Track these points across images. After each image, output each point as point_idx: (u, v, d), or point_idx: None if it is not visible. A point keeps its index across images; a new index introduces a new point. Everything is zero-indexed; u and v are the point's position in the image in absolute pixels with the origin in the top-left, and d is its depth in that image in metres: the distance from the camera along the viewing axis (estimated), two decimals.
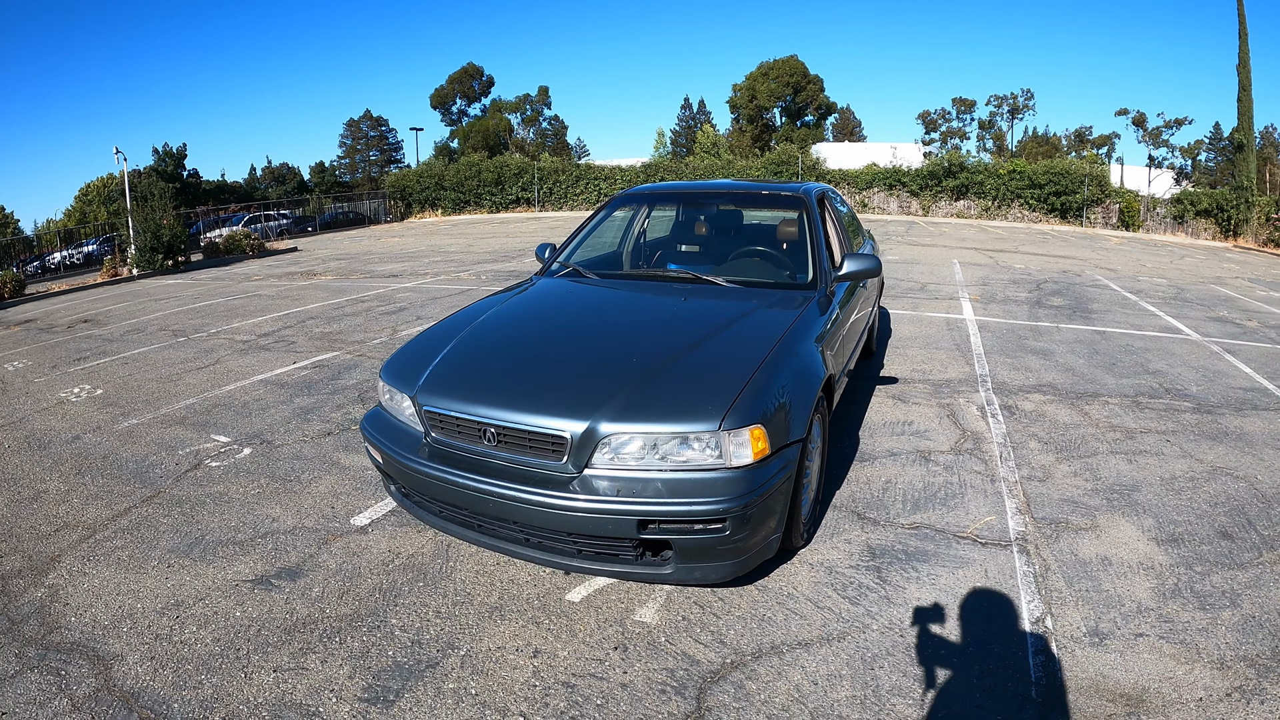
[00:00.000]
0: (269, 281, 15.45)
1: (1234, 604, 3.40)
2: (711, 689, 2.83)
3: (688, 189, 6.31)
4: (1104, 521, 4.23)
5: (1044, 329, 9.64)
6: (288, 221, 31.58)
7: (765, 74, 63.32)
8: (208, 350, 8.71)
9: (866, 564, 3.72)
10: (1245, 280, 16.64)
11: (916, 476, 4.79)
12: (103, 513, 4.46)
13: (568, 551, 3.12)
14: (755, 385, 3.14)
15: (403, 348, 4.03)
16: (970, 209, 35.67)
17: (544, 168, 40.56)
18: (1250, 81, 31.90)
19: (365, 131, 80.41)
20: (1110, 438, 5.59)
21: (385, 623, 3.27)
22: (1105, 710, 2.70)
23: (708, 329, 3.74)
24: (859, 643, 3.12)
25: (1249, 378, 7.46)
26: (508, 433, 3.15)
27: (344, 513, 4.36)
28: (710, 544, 2.92)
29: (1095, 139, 61.34)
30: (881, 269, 4.66)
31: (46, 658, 3.10)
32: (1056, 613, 3.33)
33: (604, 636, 3.15)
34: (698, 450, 2.96)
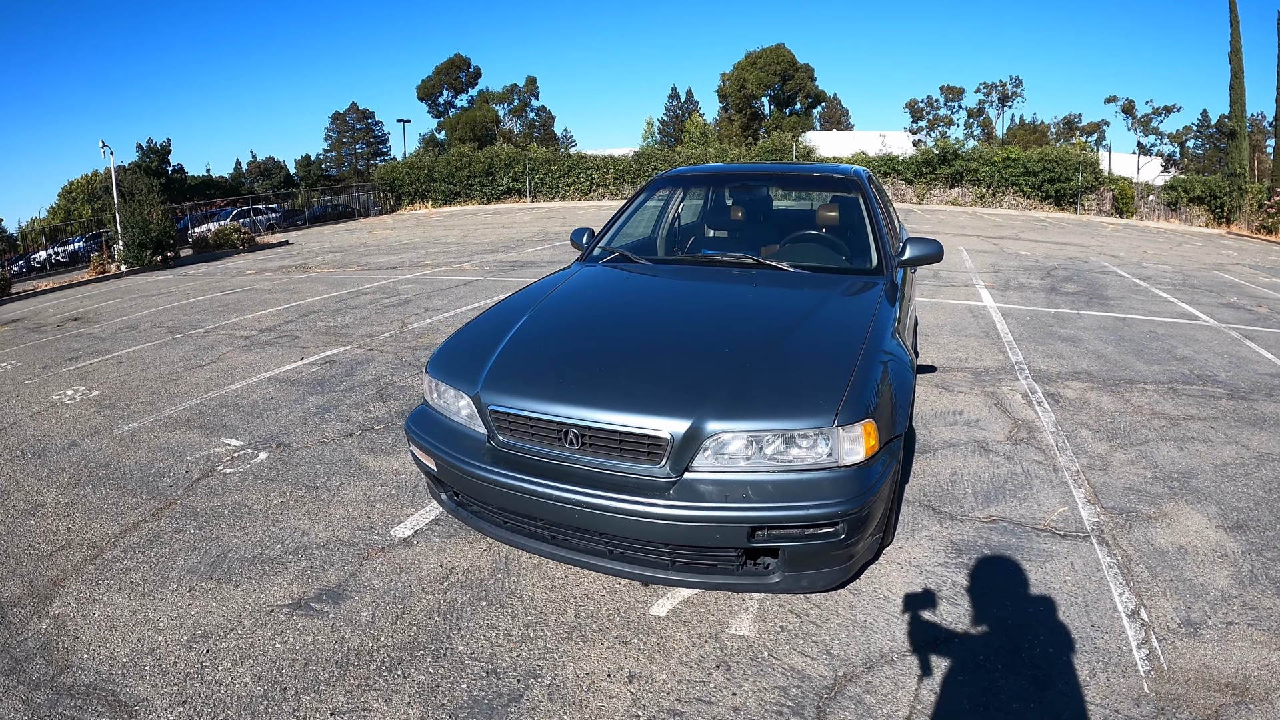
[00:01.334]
0: (263, 275, 15.15)
1: None
2: (830, 706, 2.61)
3: (734, 170, 6.00)
4: (1171, 510, 4.15)
5: (1066, 316, 9.55)
6: (276, 215, 31.19)
7: (753, 63, 63.14)
8: (207, 347, 8.34)
9: (954, 561, 3.55)
10: (1246, 266, 16.67)
11: (980, 468, 4.64)
12: (109, 528, 4.00)
13: (660, 564, 2.83)
14: (860, 377, 2.89)
15: (450, 341, 3.68)
16: (965, 196, 35.73)
17: (535, 158, 40.27)
18: (1242, 69, 32.02)
19: (351, 124, 79.63)
20: (1157, 425, 5.50)
21: (452, 650, 2.91)
22: (1216, 701, 2.65)
23: (791, 317, 3.47)
24: (969, 646, 2.95)
25: (1273, 364, 7.41)
26: (594, 434, 2.83)
27: (382, 523, 3.96)
28: (821, 549, 2.68)
29: (1084, 126, 61.54)
30: (943, 253, 4.46)
31: (59, 704, 2.67)
32: (1149, 604, 3.24)
33: (702, 655, 2.88)
34: (807, 448, 2.71)
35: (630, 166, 39.58)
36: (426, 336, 8.35)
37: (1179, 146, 54.97)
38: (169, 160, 50.98)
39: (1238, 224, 31.07)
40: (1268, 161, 38.23)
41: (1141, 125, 52.76)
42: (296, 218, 32.64)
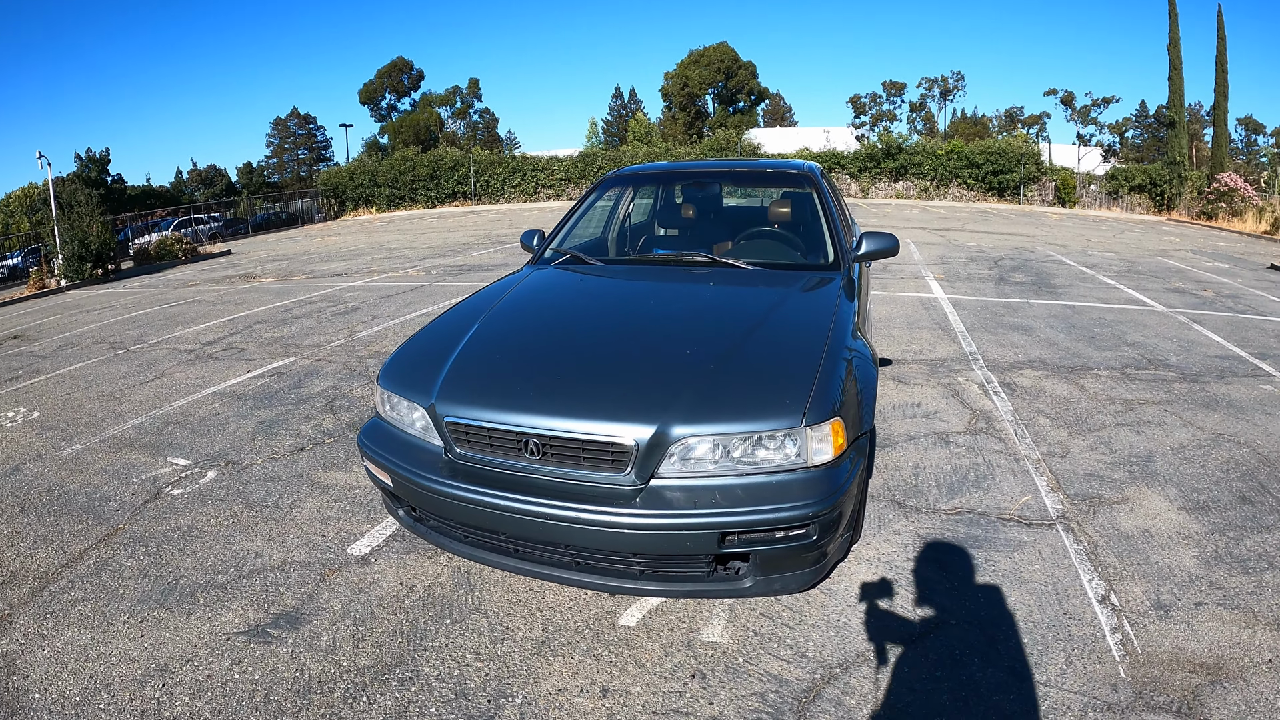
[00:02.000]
0: (206, 286, 14.75)
1: (1272, 565, 3.45)
2: (810, 710, 2.56)
3: (685, 168, 5.92)
4: (1133, 494, 4.20)
5: (1016, 305, 9.69)
6: (219, 224, 30.40)
7: (696, 61, 63.39)
8: (150, 363, 8.03)
9: (924, 556, 3.53)
10: (1188, 252, 17.14)
11: (942, 459, 4.64)
12: (55, 558, 3.79)
13: (628, 573, 2.75)
14: (825, 375, 2.83)
15: (401, 350, 3.54)
16: (909, 190, 36.26)
17: (480, 160, 39.93)
18: (1181, 61, 32.98)
19: (293, 130, 78.13)
20: (1112, 410, 5.58)
21: (418, 672, 2.80)
22: (1191, 682, 2.68)
23: (752, 316, 3.41)
24: (945, 641, 2.92)
25: (1221, 346, 7.60)
26: (555, 443, 2.73)
27: (338, 541, 3.81)
28: (793, 552, 2.61)
29: (1025, 119, 62.78)
30: (899, 246, 4.44)
31: None
32: (1118, 589, 3.26)
33: (676, 664, 2.81)
34: (775, 450, 2.65)
35: (575, 167, 39.46)
36: (375, 345, 8.16)
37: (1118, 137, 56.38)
38: (108, 170, 49.65)
39: (1178, 211, 32.04)
40: (1206, 150, 39.53)
41: (1081, 117, 53.97)
42: (239, 226, 31.87)
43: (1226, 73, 33.28)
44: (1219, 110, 34.13)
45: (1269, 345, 7.70)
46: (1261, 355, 7.26)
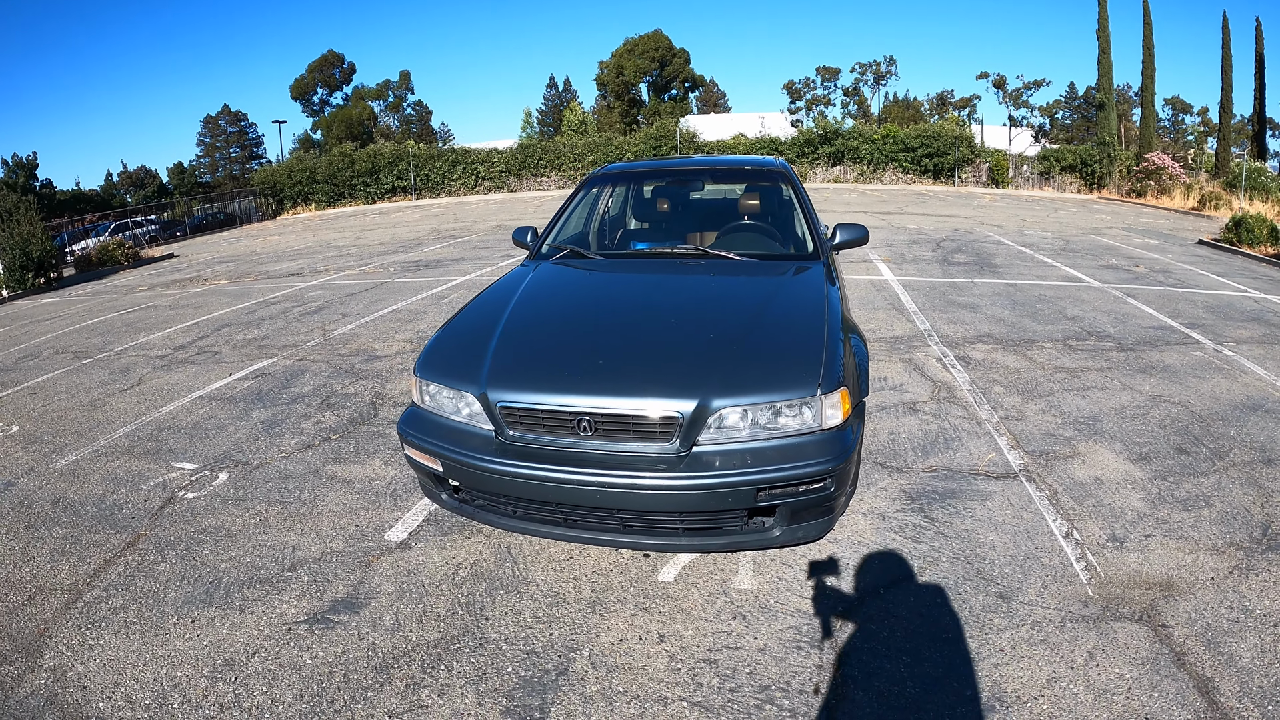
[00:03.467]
0: (157, 291, 14.53)
1: (1209, 504, 4.02)
2: (839, 635, 2.99)
3: (667, 166, 6.30)
4: (1083, 449, 4.74)
5: (962, 284, 10.29)
6: (156, 227, 29.63)
7: (631, 50, 63.44)
8: (123, 370, 7.92)
9: (910, 507, 4.00)
10: (1120, 229, 18.11)
11: (914, 426, 5.12)
12: (80, 569, 3.75)
13: (671, 531, 3.06)
14: (829, 351, 3.21)
15: (435, 343, 3.74)
16: (846, 174, 37.07)
17: (419, 155, 39.54)
18: (1110, 45, 34.49)
19: (224, 128, 76.16)
20: (1059, 378, 6.12)
21: (486, 639, 3.03)
22: (1148, 597, 3.20)
23: (755, 302, 3.82)
24: (939, 573, 3.39)
25: (1154, 317, 8.26)
26: (608, 420, 3.03)
27: (373, 530, 3.96)
28: (813, 503, 3.00)
29: (957, 102, 64.31)
30: (869, 236, 4.88)
31: None
32: (1079, 527, 3.79)
33: (718, 609, 3.17)
34: (793, 416, 3.02)
35: (516, 159, 39.36)
36: (354, 343, 8.27)
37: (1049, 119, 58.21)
38: (36, 175, 47.99)
39: (1108, 189, 33.52)
40: (1134, 130, 41.20)
41: (1012, 99, 55.60)
42: (177, 229, 31.13)
43: (1153, 56, 34.82)
44: (1147, 92, 35.67)
45: (1198, 316, 8.42)
46: (1191, 325, 7.95)
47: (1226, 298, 9.66)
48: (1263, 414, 5.32)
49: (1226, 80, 34.96)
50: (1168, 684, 2.68)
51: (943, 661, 2.83)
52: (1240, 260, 13.63)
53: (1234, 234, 14.92)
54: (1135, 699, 2.61)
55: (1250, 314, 8.68)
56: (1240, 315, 8.59)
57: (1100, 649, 2.87)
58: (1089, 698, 2.62)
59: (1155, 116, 36.80)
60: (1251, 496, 4.11)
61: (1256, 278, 11.56)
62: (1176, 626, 3.00)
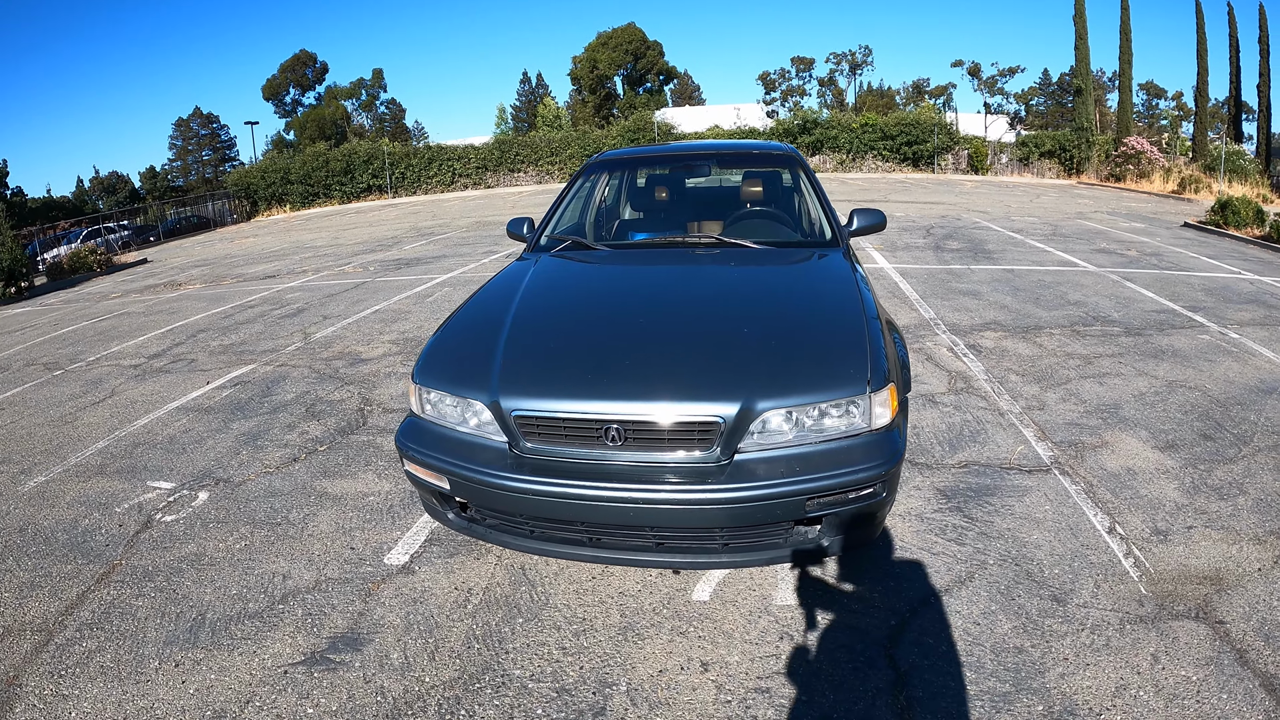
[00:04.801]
0: (131, 298, 14.14)
1: (1243, 491, 3.89)
2: (897, 651, 2.75)
3: (671, 151, 5.88)
4: (1110, 438, 4.56)
5: (959, 271, 10.15)
6: (129, 233, 29.13)
7: (605, 43, 63.24)
8: (95, 382, 7.52)
9: (947, 506, 3.79)
10: (1104, 214, 18.13)
11: (936, 419, 4.92)
12: (50, 606, 3.36)
13: (710, 548, 2.79)
14: (873, 344, 2.95)
15: (433, 346, 3.38)
16: (826, 163, 37.05)
17: (394, 152, 39.19)
18: (1086, 30, 34.55)
19: (196, 130, 75.04)
20: (1073, 364, 5.97)
21: (509, 676, 2.70)
22: (1201, 592, 3.06)
23: (783, 293, 3.54)
24: (989, 578, 3.18)
25: (1155, 300, 8.16)
26: (641, 427, 2.73)
27: (370, 552, 3.60)
28: (863, 510, 2.74)
29: (932, 90, 64.69)
30: (887, 221, 4.63)
31: None
32: (1120, 521, 3.61)
33: (762, 630, 2.90)
34: (839, 417, 2.76)
35: (492, 155, 39.10)
36: (336, 346, 7.96)
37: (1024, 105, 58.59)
38: (6, 183, 47.13)
39: (1087, 174, 33.71)
40: (1111, 115, 41.53)
41: (987, 86, 55.97)
42: (150, 234, 30.59)
43: (1130, 41, 35.00)
44: (1124, 77, 35.84)
45: (1198, 299, 8.31)
46: (1193, 308, 7.84)
47: (1222, 280, 9.58)
48: (1278, 397, 5.19)
49: (1202, 65, 35.14)
50: (1234, 684, 2.53)
51: (1008, 675, 2.61)
52: (1228, 242, 13.62)
53: (1220, 216, 14.95)
54: (1205, 702, 2.46)
55: (1248, 296, 8.59)
56: (1239, 297, 8.50)
57: (1164, 651, 2.70)
58: (1160, 704, 2.45)
59: (1132, 102, 37.04)
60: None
61: (1247, 259, 11.52)
62: (1234, 622, 2.85)
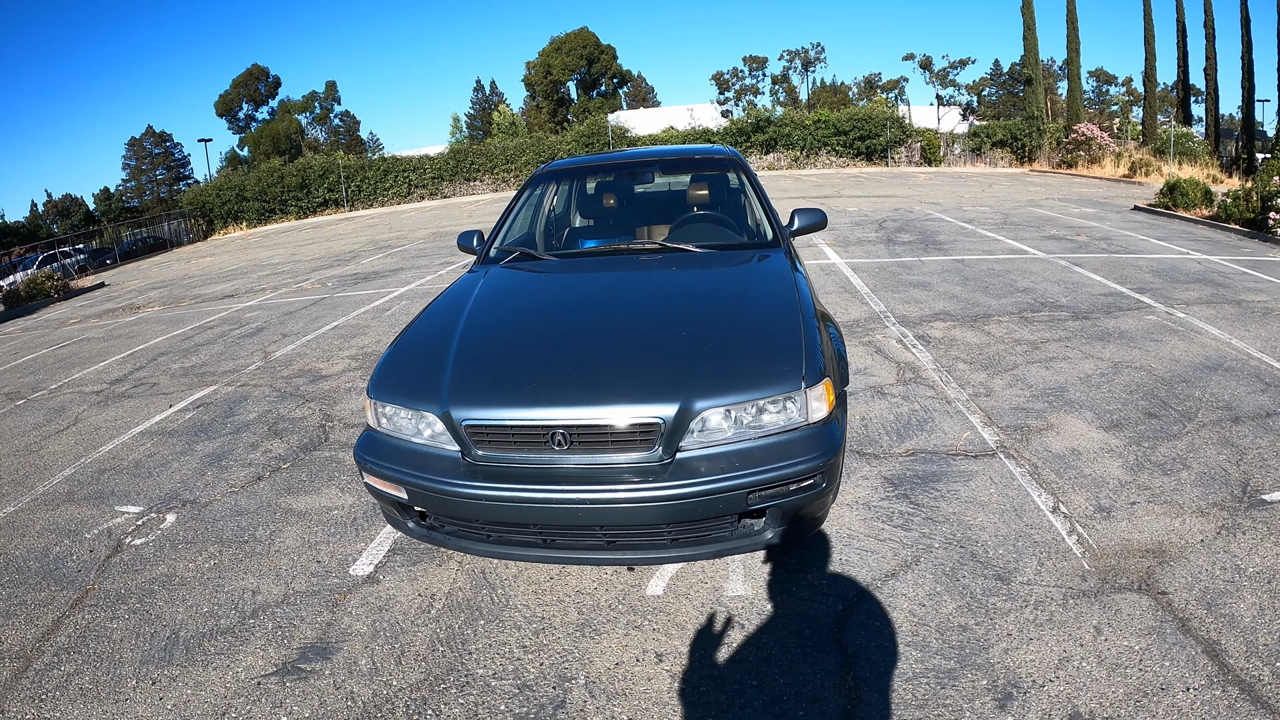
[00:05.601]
0: (90, 323, 13.95)
1: (1186, 466, 4.06)
2: (843, 637, 2.87)
3: (615, 159, 6.05)
4: (1056, 421, 4.72)
5: (910, 264, 10.33)
6: (85, 257, 28.55)
7: (558, 48, 63.26)
8: (58, 410, 7.48)
9: (894, 494, 3.91)
10: (1056, 200, 18.53)
11: (884, 409, 5.05)
12: (26, 633, 3.41)
13: (659, 544, 2.89)
14: (808, 341, 3.08)
15: (386, 362, 3.47)
16: (780, 160, 37.36)
17: (349, 166, 38.79)
18: (1034, 21, 35.40)
19: (150, 150, 73.77)
20: (1020, 350, 6.13)
21: (473, 676, 2.81)
22: (1144, 565, 3.21)
23: (725, 295, 3.65)
24: (934, 561, 3.31)
25: (1103, 284, 8.39)
26: (584, 431, 2.84)
27: (336, 565, 3.69)
28: (805, 501, 2.85)
29: (885, 84, 65.54)
30: (828, 219, 4.76)
31: None
32: (1064, 500, 3.76)
33: (714, 621, 3.03)
34: (778, 413, 2.88)
35: (448, 165, 38.92)
36: (297, 364, 7.95)
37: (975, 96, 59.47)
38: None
39: (1039, 162, 34.44)
40: (1061, 103, 42.44)
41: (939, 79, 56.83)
42: (106, 256, 30.05)
43: (1078, 29, 35.82)
44: (1073, 65, 36.63)
45: (1145, 280, 8.57)
46: (1141, 290, 8.08)
47: (1170, 261, 9.86)
48: (1223, 373, 5.40)
49: (1149, 51, 35.95)
50: (1177, 651, 2.66)
51: (953, 653, 2.73)
52: (1177, 224, 13.97)
53: (1169, 198, 15.30)
54: (1149, 670, 2.58)
55: (1195, 275, 8.86)
56: (1186, 277, 8.76)
57: (1106, 623, 2.83)
58: (1103, 674, 2.58)
59: (1081, 89, 37.81)
60: (1226, 455, 4.14)
61: (1195, 239, 11.85)
62: (1176, 592, 2.99)
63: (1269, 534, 3.36)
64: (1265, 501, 3.65)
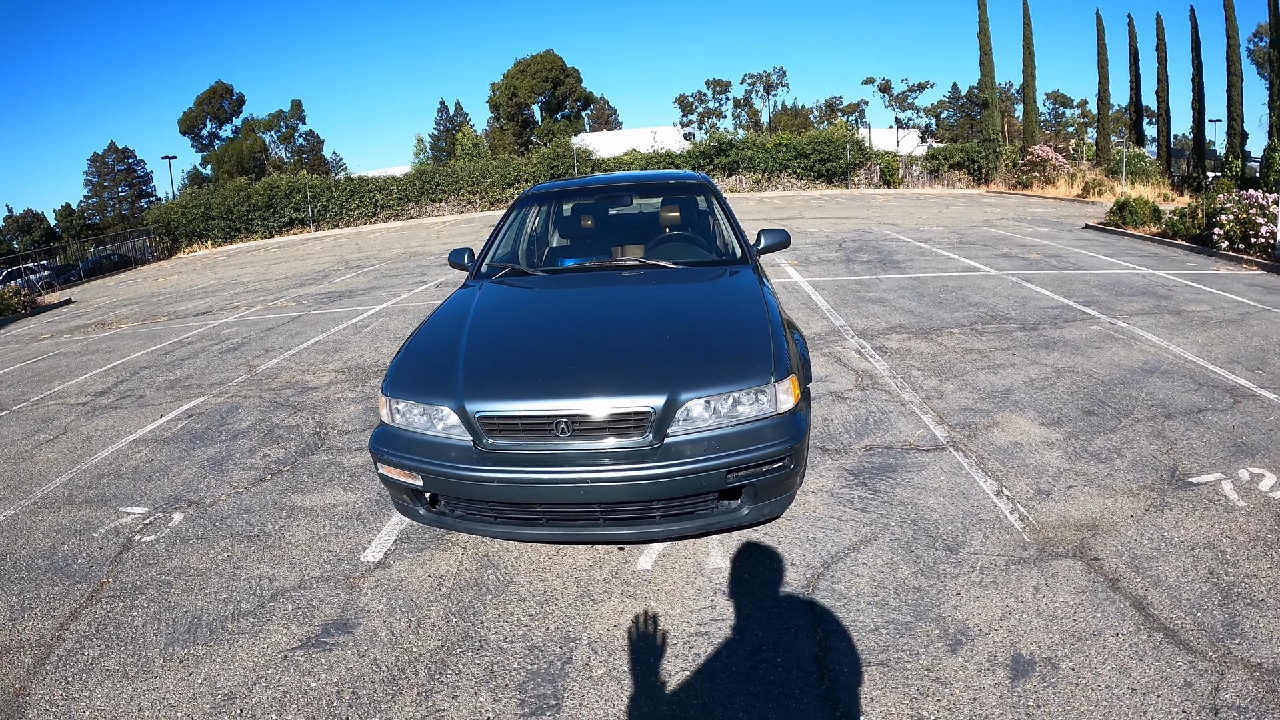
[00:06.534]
0: (63, 338, 13.93)
1: (1120, 455, 4.55)
2: (814, 597, 3.30)
3: (596, 184, 6.49)
4: (1001, 419, 5.21)
5: (868, 281, 10.89)
6: (50, 273, 28.26)
7: (524, 70, 63.84)
8: (45, 420, 7.56)
9: (854, 483, 4.37)
10: (1010, 220, 19.35)
11: (844, 411, 5.52)
12: (45, 624, 3.57)
13: (649, 519, 3.30)
14: (776, 344, 3.54)
15: (399, 364, 3.85)
16: (742, 183, 38.08)
17: (316, 185, 38.73)
18: (990, 46, 36.59)
19: (112, 166, 72.80)
20: (970, 359, 6.63)
21: (485, 641, 3.16)
22: (1078, 537, 3.67)
23: (700, 305, 4.15)
24: (891, 536, 3.76)
25: (1051, 298, 8.96)
26: (585, 420, 3.24)
27: (347, 553, 3.98)
28: (776, 481, 3.28)
29: (845, 107, 66.96)
30: (791, 239, 5.24)
31: None
32: (1007, 485, 4.23)
33: (698, 589, 3.42)
34: (751, 404, 3.31)
35: (413, 186, 39.03)
36: (284, 376, 8.15)
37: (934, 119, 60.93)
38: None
39: (996, 183, 35.56)
40: (1018, 125, 43.63)
41: (898, 102, 58.11)
42: (71, 273, 29.75)
43: (1033, 54, 37.20)
44: (1028, 89, 37.92)
45: (1092, 294, 9.19)
46: (1087, 302, 8.69)
47: (1117, 275, 10.51)
48: (1160, 375, 5.94)
49: (1103, 74, 37.40)
50: (1107, 605, 3.10)
51: (909, 609, 3.16)
52: (1126, 240, 14.70)
53: (1119, 216, 16.03)
54: (1082, 620, 3.02)
55: (1140, 288, 9.49)
56: (1131, 290, 9.38)
57: (1044, 583, 3.27)
58: (1041, 624, 3.01)
59: (1037, 111, 39.14)
60: (1158, 445, 4.65)
61: (1143, 255, 12.56)
62: (1107, 558, 3.44)
63: (1194, 510, 3.85)
64: (1192, 484, 4.14)
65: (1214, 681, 2.65)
